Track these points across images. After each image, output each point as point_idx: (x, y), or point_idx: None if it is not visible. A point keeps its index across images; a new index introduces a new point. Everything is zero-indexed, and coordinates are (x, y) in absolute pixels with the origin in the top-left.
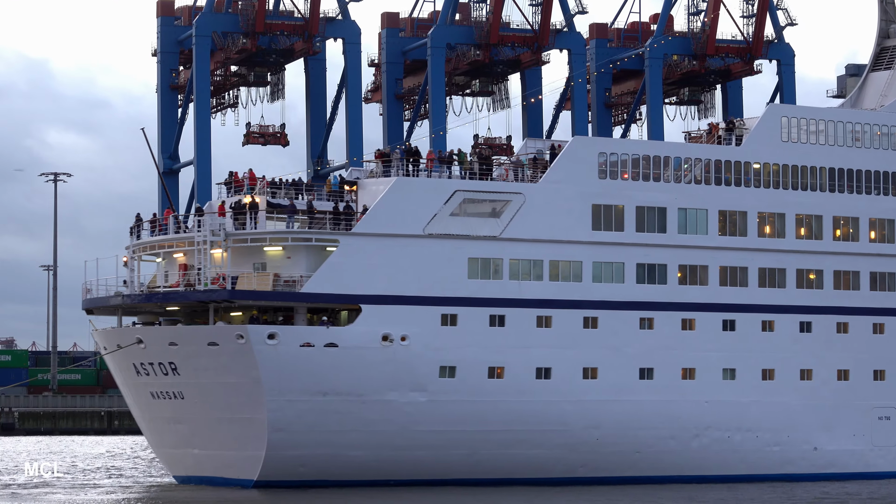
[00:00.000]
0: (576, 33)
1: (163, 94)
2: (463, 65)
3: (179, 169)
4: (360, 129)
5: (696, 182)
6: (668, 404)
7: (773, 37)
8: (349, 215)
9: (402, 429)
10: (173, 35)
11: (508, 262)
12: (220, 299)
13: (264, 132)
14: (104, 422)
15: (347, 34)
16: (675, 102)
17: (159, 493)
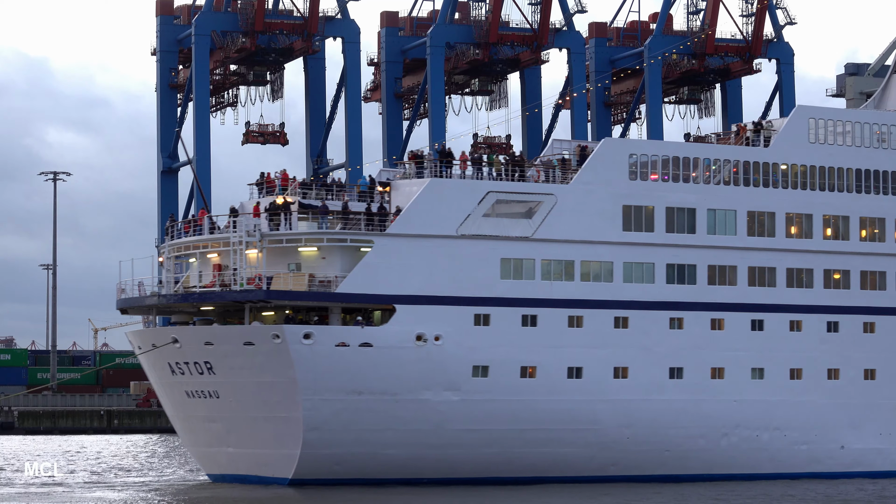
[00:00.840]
0: (575, 32)
1: (162, 93)
2: (462, 64)
3: (178, 168)
4: (360, 127)
5: (725, 183)
6: (697, 403)
7: (772, 36)
8: (383, 216)
9: (436, 427)
10: (172, 34)
11: (540, 263)
12: (257, 299)
13: (263, 131)
14: (104, 421)
15: (347, 33)
16: (675, 101)
17: (195, 490)
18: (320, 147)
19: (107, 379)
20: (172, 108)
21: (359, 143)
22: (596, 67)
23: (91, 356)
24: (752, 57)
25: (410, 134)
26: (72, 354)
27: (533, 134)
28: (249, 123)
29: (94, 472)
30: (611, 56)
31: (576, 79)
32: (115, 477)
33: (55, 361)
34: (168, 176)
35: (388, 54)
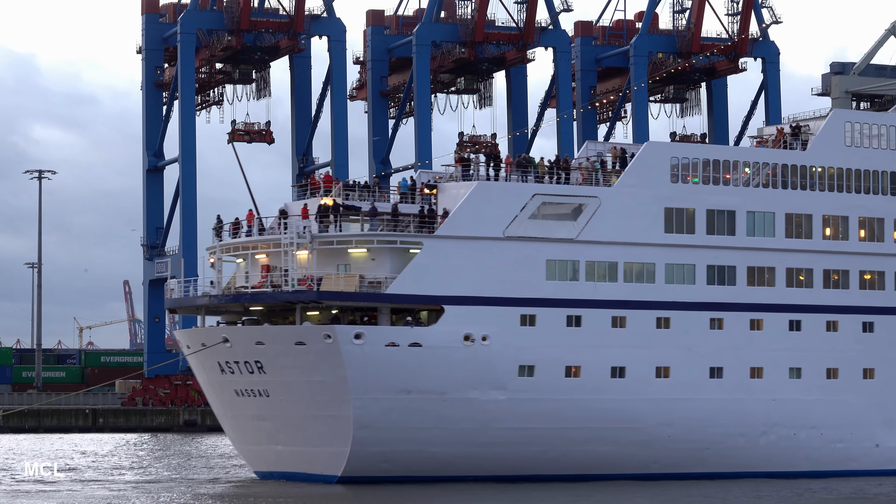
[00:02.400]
0: (561, 31)
1: (148, 91)
2: (448, 62)
3: (164, 166)
4: (346, 126)
5: (764, 186)
6: (736, 402)
7: (758, 35)
8: (431, 218)
9: (483, 426)
10: (158, 32)
11: (584, 264)
12: (308, 300)
13: (249, 129)
14: (89, 419)
15: (332, 32)
16: (660, 100)
17: (247, 488)
18: (306, 145)
19: (92, 377)
20: (158, 107)
21: (345, 141)
22: (581, 66)
23: (76, 354)
24: (738, 56)
25: (396, 132)
26: (57, 353)
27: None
28: (235, 122)
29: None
30: (596, 55)
31: (561, 78)
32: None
33: (40, 360)
34: (153, 174)
35: (373, 53)
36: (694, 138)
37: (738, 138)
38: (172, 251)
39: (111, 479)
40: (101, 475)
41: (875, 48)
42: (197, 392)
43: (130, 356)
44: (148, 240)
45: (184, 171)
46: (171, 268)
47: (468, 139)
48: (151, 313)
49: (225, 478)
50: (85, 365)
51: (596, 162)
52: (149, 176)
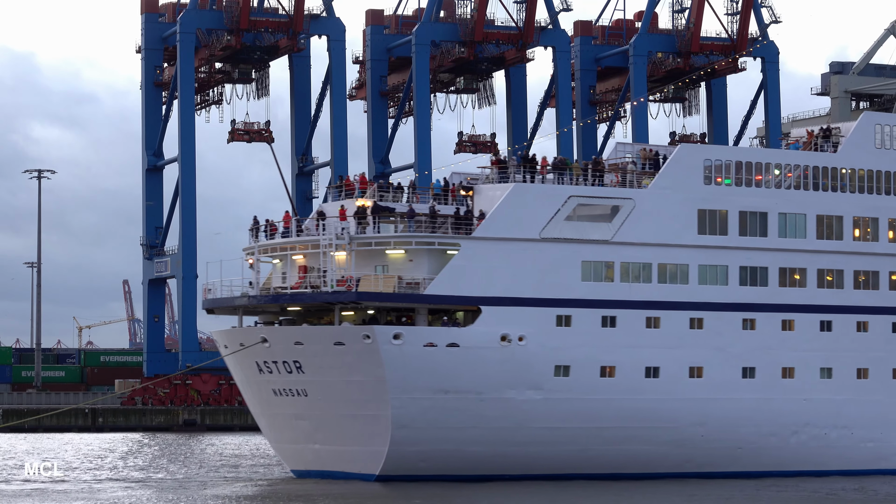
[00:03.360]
0: (560, 31)
1: (147, 90)
2: (447, 62)
3: (163, 166)
4: (345, 125)
5: (795, 188)
6: (768, 402)
7: (757, 34)
8: (468, 220)
9: (519, 425)
10: (157, 32)
11: (619, 265)
12: (347, 301)
13: (249, 129)
14: (88, 419)
15: (332, 31)
16: (660, 100)
17: (286, 485)
18: (306, 145)
19: (91, 377)
20: (157, 106)
21: (344, 141)
22: (581, 66)
23: (76, 354)
24: (737, 56)
25: (396, 132)
26: (56, 352)
27: (518, 132)
28: (235, 121)
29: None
30: (596, 54)
31: (561, 77)
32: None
33: (39, 360)
34: (153, 174)
35: (373, 52)
36: (693, 138)
37: (737, 138)
38: (172, 251)
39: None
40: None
41: (874, 48)
42: (197, 392)
43: (130, 356)
44: (147, 239)
45: (183, 171)
46: (171, 267)
47: (467, 139)
48: (151, 313)
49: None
50: (84, 364)
51: (630, 164)
52: (148, 175)
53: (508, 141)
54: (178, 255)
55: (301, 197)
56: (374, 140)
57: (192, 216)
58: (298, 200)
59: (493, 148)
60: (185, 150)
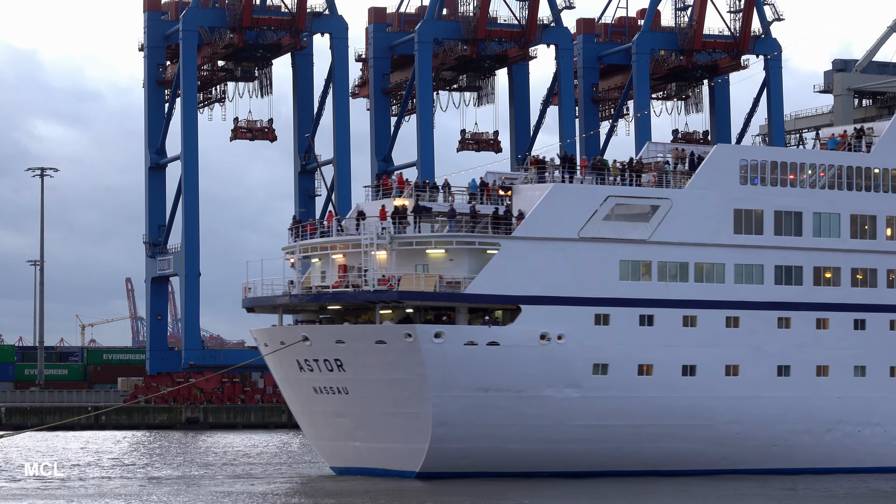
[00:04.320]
0: (563, 28)
1: (150, 88)
2: (450, 60)
3: (166, 164)
4: (347, 123)
5: (830, 187)
6: (803, 400)
7: (760, 32)
8: (508, 220)
9: (557, 423)
10: (160, 30)
11: (657, 265)
12: (389, 300)
13: (252, 127)
14: (91, 417)
15: (334, 29)
16: (662, 97)
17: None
18: (308, 143)
19: (94, 375)
20: (160, 104)
21: (346, 138)
22: (584, 63)
23: (79, 352)
24: (740, 53)
25: (398, 130)
26: (59, 350)
27: (520, 130)
28: (238, 119)
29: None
30: (598, 52)
31: (563, 75)
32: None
33: (42, 358)
34: (155, 172)
35: (375, 50)
36: (696, 136)
37: (740, 136)
38: (175, 249)
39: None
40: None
41: (877, 45)
42: (200, 390)
43: (133, 354)
44: (150, 237)
45: (186, 169)
46: (174, 265)
47: (470, 137)
48: (154, 311)
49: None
50: (87, 362)
51: (666, 164)
52: (151, 173)
53: (511, 139)
54: (180, 253)
55: (304, 195)
56: (376, 138)
57: (195, 214)
58: (301, 198)
59: (496, 146)
60: (187, 148)
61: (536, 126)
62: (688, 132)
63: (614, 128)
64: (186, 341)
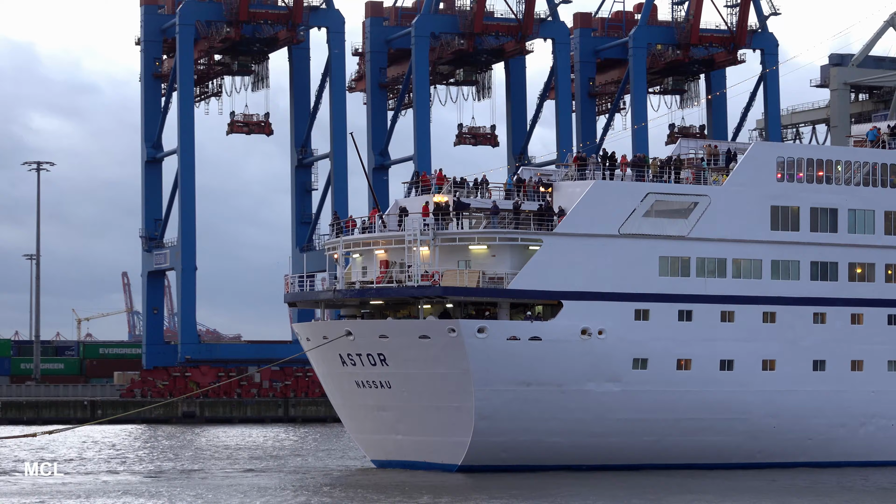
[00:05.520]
0: (560, 23)
1: (146, 82)
2: (447, 54)
3: (163, 157)
4: (344, 117)
5: (864, 184)
6: (838, 394)
7: (756, 26)
8: (549, 216)
9: (598, 417)
10: (157, 24)
11: (695, 261)
12: (434, 295)
13: (248, 121)
14: (87, 411)
15: (331, 23)
16: (659, 92)
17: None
18: (305, 137)
19: (90, 369)
20: (157, 98)
21: (343, 132)
22: (580, 58)
23: (75, 346)
24: (737, 47)
25: (395, 124)
26: (55, 345)
27: (517, 124)
28: (234, 113)
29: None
30: (595, 46)
31: (560, 69)
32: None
33: (38, 352)
34: (152, 166)
35: (372, 44)
36: (692, 130)
37: (736, 130)
38: (171, 243)
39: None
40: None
41: (874, 39)
42: (196, 384)
43: (129, 348)
44: (146, 231)
45: (182, 163)
46: (170, 259)
47: (467, 131)
48: (150, 305)
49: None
50: (83, 357)
51: (701, 160)
52: (147, 167)
53: (507, 133)
54: (177, 247)
55: (301, 189)
56: (373, 132)
57: (192, 208)
58: (298, 192)
59: (493, 140)
60: (184, 142)
61: (533, 120)
62: (684, 126)
63: (611, 122)
64: (183, 335)
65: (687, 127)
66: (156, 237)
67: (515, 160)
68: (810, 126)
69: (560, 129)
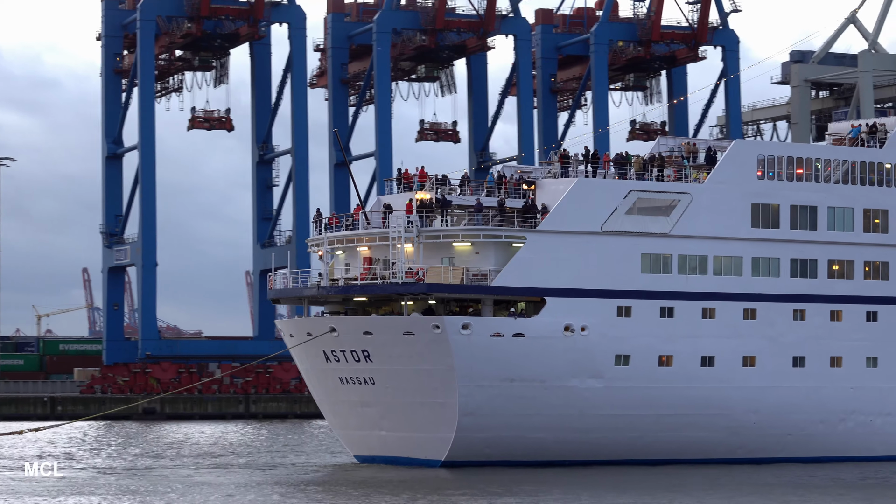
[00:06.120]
0: (521, 19)
1: (107, 78)
2: (409, 50)
3: (123, 153)
4: (306, 113)
5: (844, 182)
6: (817, 390)
7: (718, 23)
8: (533, 213)
9: (581, 413)
10: (117, 19)
11: (677, 258)
12: (418, 292)
13: (209, 117)
14: (47, 408)
15: (293, 19)
16: (621, 88)
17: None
18: (266, 133)
19: (50, 365)
20: (117, 94)
21: (304, 128)
22: (542, 54)
23: (35, 342)
24: (698, 44)
25: (357, 120)
26: (15, 341)
27: (479, 120)
28: (195, 109)
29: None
30: (557, 43)
31: (522, 65)
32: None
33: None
34: (113, 161)
35: (334, 40)
36: (653, 126)
37: (697, 127)
38: (132, 239)
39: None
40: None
41: (834, 37)
42: (156, 380)
43: (89, 344)
44: (107, 227)
45: (143, 159)
46: (131, 255)
47: (429, 127)
48: (110, 301)
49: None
50: (43, 353)
51: (684, 159)
52: (108, 163)
53: (469, 129)
54: (137, 243)
55: (262, 185)
56: (334, 127)
57: (152, 204)
58: (259, 188)
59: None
60: (144, 138)
61: (495, 116)
62: (646, 122)
63: (572, 118)
64: (143, 331)
65: (648, 123)
66: (116, 233)
67: (477, 156)
68: (771, 123)
69: (521, 126)
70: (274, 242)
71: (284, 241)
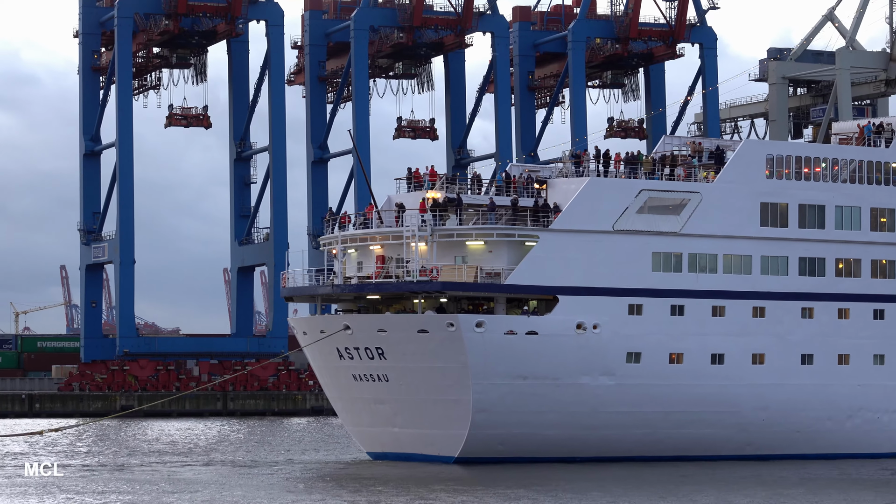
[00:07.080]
0: (499, 16)
1: (84, 75)
2: (386, 47)
3: (101, 150)
4: (283, 111)
5: (851, 181)
6: (825, 388)
7: (695, 20)
8: (545, 212)
9: (592, 410)
10: (95, 16)
11: (687, 256)
12: (432, 290)
13: (187, 114)
14: (25, 405)
15: (270, 16)
16: (598, 86)
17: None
18: (244, 130)
19: (28, 362)
20: (95, 91)
21: (282, 126)
22: (520, 51)
23: (12, 340)
24: (675, 41)
25: (335, 117)
26: None
27: (457, 117)
28: (172, 106)
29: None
30: (534, 40)
31: (499, 63)
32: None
33: None
34: (90, 159)
35: (311, 37)
36: (631, 123)
37: (675, 124)
38: (109, 236)
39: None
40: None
41: (812, 34)
42: (134, 377)
43: (67, 341)
44: (85, 224)
45: (121, 156)
46: (109, 253)
47: (406, 124)
48: (88, 298)
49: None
50: (21, 350)
51: (693, 158)
52: (86, 160)
53: (447, 126)
54: (115, 241)
55: (240, 182)
56: (312, 125)
57: (130, 201)
58: (237, 185)
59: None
60: (122, 136)
61: (472, 113)
62: (623, 120)
63: (550, 116)
64: (121, 329)
65: (626, 121)
66: (94, 230)
67: (455, 153)
68: (749, 120)
69: (499, 123)
70: (252, 240)
71: (262, 239)
